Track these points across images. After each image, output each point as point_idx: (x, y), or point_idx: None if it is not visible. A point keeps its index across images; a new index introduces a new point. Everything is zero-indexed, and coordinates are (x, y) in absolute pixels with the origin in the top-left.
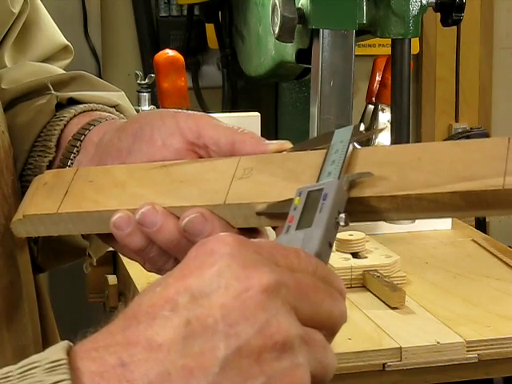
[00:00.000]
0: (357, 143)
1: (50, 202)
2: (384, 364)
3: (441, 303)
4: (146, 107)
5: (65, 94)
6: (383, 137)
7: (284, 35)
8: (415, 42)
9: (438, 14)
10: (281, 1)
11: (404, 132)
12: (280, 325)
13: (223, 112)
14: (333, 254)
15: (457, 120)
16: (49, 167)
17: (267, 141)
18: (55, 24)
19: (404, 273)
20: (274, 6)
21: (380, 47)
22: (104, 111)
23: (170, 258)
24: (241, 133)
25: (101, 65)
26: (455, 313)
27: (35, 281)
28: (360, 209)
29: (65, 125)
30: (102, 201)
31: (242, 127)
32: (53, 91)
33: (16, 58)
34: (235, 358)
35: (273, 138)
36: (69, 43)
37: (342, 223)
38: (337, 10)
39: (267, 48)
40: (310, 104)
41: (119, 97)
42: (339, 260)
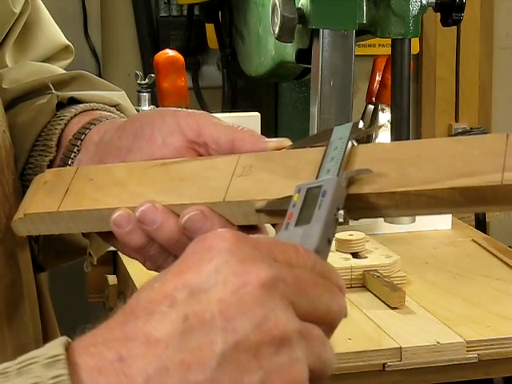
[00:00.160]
0: (355, 140)
1: (51, 201)
2: (384, 364)
3: (441, 303)
4: (146, 107)
5: (65, 94)
6: (383, 137)
7: (284, 35)
8: (415, 42)
9: (438, 14)
10: (281, 1)
11: (404, 132)
12: (278, 320)
13: (223, 112)
14: (333, 254)
15: (457, 120)
16: (49, 166)
17: (266, 138)
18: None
19: (404, 273)
20: (274, 6)
21: (380, 47)
22: (104, 111)
23: (170, 256)
24: (240, 131)
25: (101, 65)
26: (455, 313)
27: (36, 280)
28: (359, 205)
29: (65, 124)
30: (102, 199)
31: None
32: (53, 91)
33: (17, 58)
34: (233, 353)
35: (273, 138)
36: (69, 43)
37: (341, 220)
38: (337, 10)
39: (267, 48)
40: (310, 104)
41: (120, 96)
42: (339, 260)
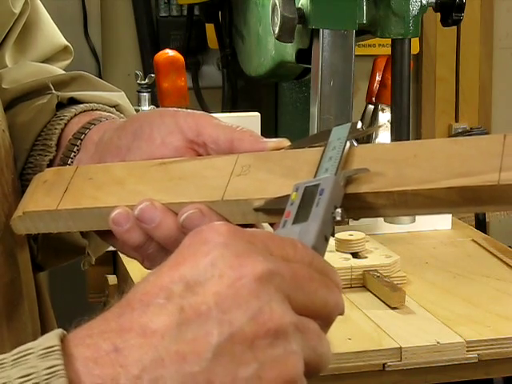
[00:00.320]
0: (354, 141)
1: (50, 199)
2: (384, 364)
3: (441, 303)
4: (146, 107)
5: (65, 94)
6: (383, 137)
7: (284, 35)
8: (415, 42)
9: (438, 14)
10: (281, 1)
11: (404, 132)
12: (273, 312)
13: (223, 112)
14: (333, 254)
15: (457, 120)
16: (49, 166)
17: (265, 139)
18: (55, 24)
19: (404, 273)
20: (274, 6)
21: (380, 47)
22: (104, 111)
23: (169, 254)
24: (239, 131)
25: (101, 65)
26: (455, 313)
27: (35, 279)
28: (357, 205)
29: (65, 124)
30: (102, 198)
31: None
32: (53, 91)
33: (16, 58)
34: (228, 345)
35: (273, 138)
36: (69, 44)
37: (339, 218)
38: (337, 10)
39: (267, 48)
40: (310, 104)
41: (119, 97)
42: (339, 260)
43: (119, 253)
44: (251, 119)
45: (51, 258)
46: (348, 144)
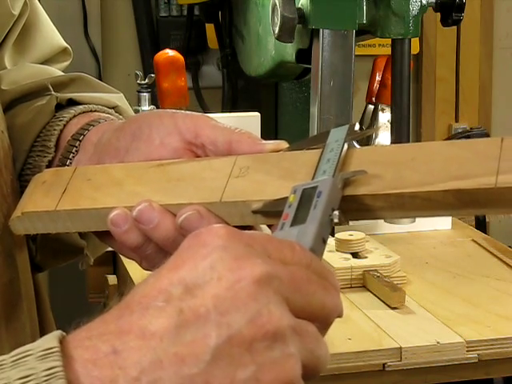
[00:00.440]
0: (356, 143)
1: (49, 200)
2: (384, 364)
3: (441, 303)
4: (146, 107)
5: (64, 95)
6: (383, 137)
7: (284, 35)
8: (415, 42)
9: (438, 14)
10: (281, 1)
11: (404, 132)
12: (271, 315)
13: (223, 112)
14: (333, 254)
15: (457, 120)
16: (48, 167)
17: (263, 141)
18: (55, 24)
19: (404, 273)
20: (274, 6)
21: (380, 47)
22: (103, 112)
23: (167, 256)
24: (238, 133)
25: (101, 65)
26: (455, 313)
27: (34, 280)
28: (354, 207)
29: (64, 125)
30: (100, 198)
31: (242, 127)
32: (53, 92)
33: (16, 60)
34: (226, 347)
35: (273, 138)
36: (68, 45)
37: (336, 220)
38: (337, 10)
39: (267, 48)
40: (310, 104)
41: (118, 98)
42: (339, 260)
43: None
44: (251, 119)
45: (50, 259)
46: (346, 146)
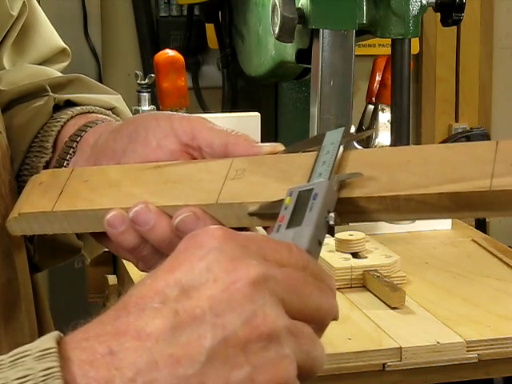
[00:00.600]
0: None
1: (46, 201)
2: (384, 364)
3: (441, 303)
4: (146, 107)
5: (62, 96)
6: (383, 137)
7: (284, 35)
8: (415, 42)
9: (438, 14)
10: (281, 1)
11: (404, 132)
12: (266, 316)
13: (223, 112)
14: (333, 254)
15: (457, 120)
16: (45, 168)
17: (260, 143)
18: (55, 24)
19: (404, 273)
20: (274, 6)
21: (380, 47)
22: (101, 113)
23: (163, 257)
24: (234, 135)
25: (101, 65)
26: (455, 313)
27: (32, 280)
28: (349, 209)
29: (62, 126)
30: (97, 200)
31: (242, 127)
32: (50, 93)
33: (14, 60)
34: (221, 348)
35: (273, 138)
36: (66, 46)
37: (332, 222)
38: (337, 10)
39: (267, 48)
40: (310, 104)
41: (116, 100)
42: (339, 260)
43: None
44: (251, 119)
45: (48, 259)
46: (341, 148)
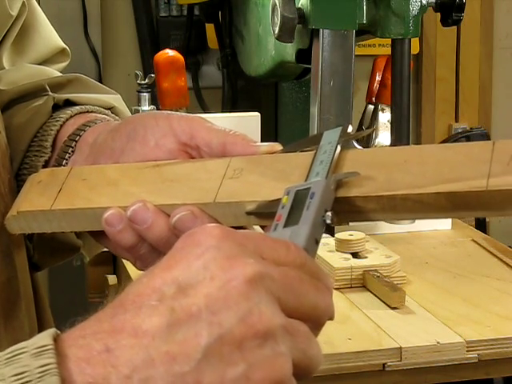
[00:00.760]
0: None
1: (44, 199)
2: (384, 364)
3: (441, 303)
4: (146, 107)
5: (61, 96)
6: (383, 137)
7: (284, 35)
8: (415, 42)
9: (438, 14)
10: (281, 1)
11: (404, 132)
12: (262, 314)
13: (223, 112)
14: (333, 254)
15: (457, 120)
16: (44, 167)
17: (258, 142)
18: (55, 24)
19: (404, 273)
20: (274, 6)
21: (380, 47)
22: (100, 113)
23: (161, 256)
24: (232, 135)
25: (101, 65)
26: (455, 313)
27: (32, 279)
28: (346, 208)
29: (61, 125)
30: (95, 198)
31: (242, 127)
32: (50, 92)
33: (14, 60)
34: (217, 346)
35: (273, 138)
36: (66, 46)
37: (329, 221)
38: (337, 10)
39: (267, 48)
40: (310, 104)
41: (115, 99)
42: (339, 260)
43: None
44: (251, 119)
45: (47, 257)
46: (339, 148)
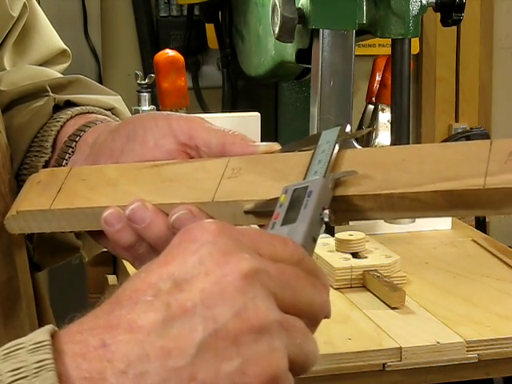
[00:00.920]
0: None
1: (44, 199)
2: (384, 364)
3: (441, 303)
4: (146, 107)
5: (62, 97)
6: (383, 137)
7: (284, 35)
8: (415, 42)
9: (438, 14)
10: (281, 1)
11: (404, 132)
12: (257, 309)
13: (223, 112)
14: (333, 254)
15: (457, 120)
16: (44, 167)
17: (256, 142)
18: (55, 24)
19: (404, 273)
20: (274, 6)
21: (380, 47)
22: (100, 114)
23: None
24: (231, 135)
25: (101, 65)
26: (455, 313)
27: (33, 279)
28: (344, 207)
29: (61, 126)
30: (94, 198)
31: (242, 127)
32: (50, 93)
33: (15, 61)
34: (212, 340)
35: (273, 138)
36: (67, 47)
37: (326, 219)
38: (337, 10)
39: (267, 48)
40: (310, 104)
41: (116, 100)
42: (339, 260)
43: None
44: (251, 119)
45: (47, 257)
46: (337, 147)
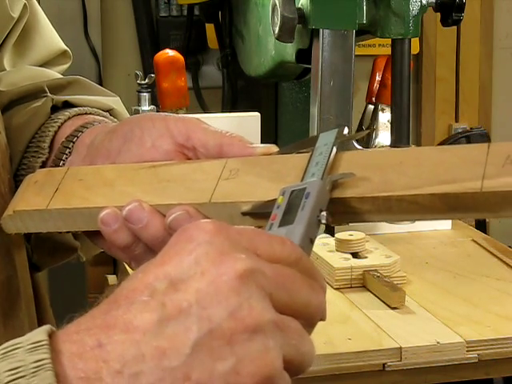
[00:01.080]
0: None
1: (40, 199)
2: (384, 364)
3: (441, 303)
4: (146, 107)
5: (60, 97)
6: (383, 137)
7: (284, 35)
8: (415, 42)
9: (438, 14)
10: (281, 1)
11: (404, 132)
12: (252, 309)
13: (223, 112)
14: (333, 254)
15: (457, 120)
16: (42, 168)
17: (254, 144)
18: (55, 24)
19: (404, 273)
20: (274, 6)
21: (380, 47)
22: (98, 115)
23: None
24: (229, 136)
25: (101, 65)
26: (455, 313)
27: (32, 279)
28: (342, 209)
29: (59, 127)
30: (91, 198)
31: (242, 127)
32: (49, 94)
33: (15, 62)
34: (206, 340)
35: (273, 138)
36: (67, 48)
37: (324, 221)
38: (337, 10)
39: (267, 48)
40: (310, 104)
41: (114, 101)
42: (339, 260)
43: None
44: (251, 119)
45: (46, 258)
46: (334, 149)
